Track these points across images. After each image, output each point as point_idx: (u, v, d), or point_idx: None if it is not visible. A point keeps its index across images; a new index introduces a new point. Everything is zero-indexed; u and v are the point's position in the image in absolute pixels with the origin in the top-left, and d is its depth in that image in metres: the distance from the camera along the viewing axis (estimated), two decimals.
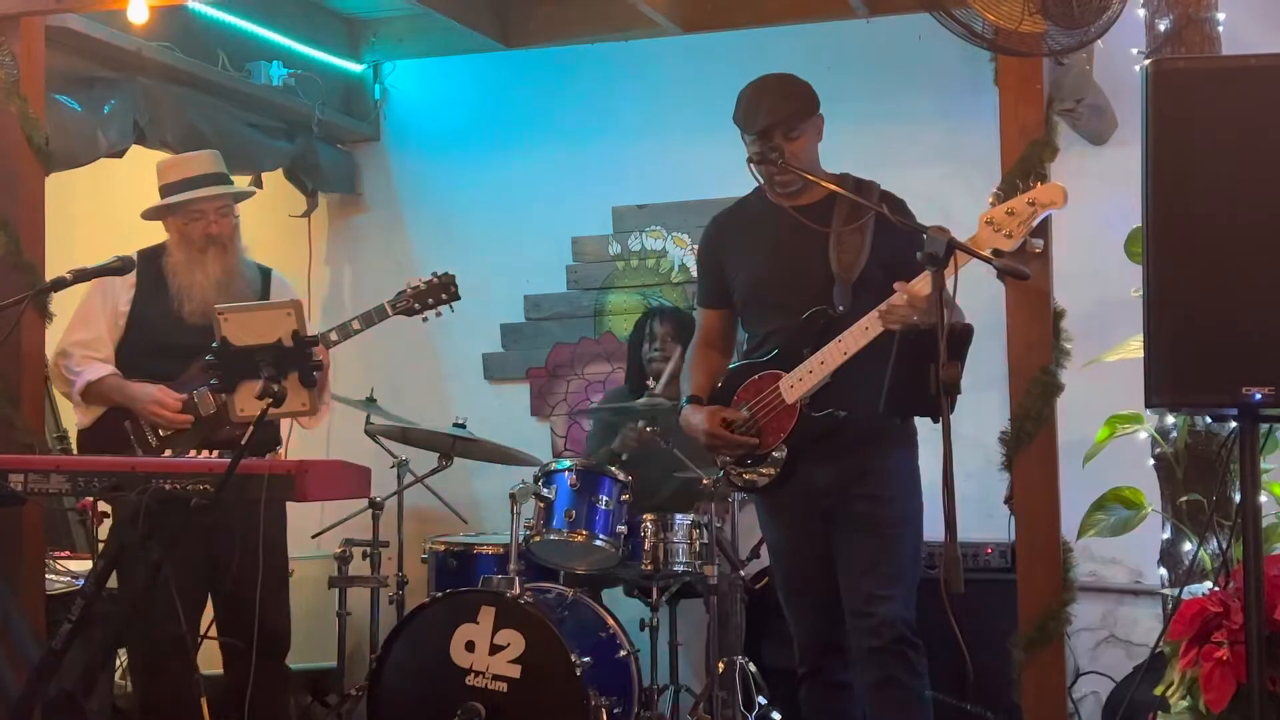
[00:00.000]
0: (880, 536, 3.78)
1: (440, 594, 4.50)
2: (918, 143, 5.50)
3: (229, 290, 4.27)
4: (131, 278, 4.27)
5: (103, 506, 4.33)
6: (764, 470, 3.87)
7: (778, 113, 3.80)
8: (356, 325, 4.31)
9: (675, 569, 4.52)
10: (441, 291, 4.46)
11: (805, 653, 4.00)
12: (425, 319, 4.51)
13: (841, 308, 3.74)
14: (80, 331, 4.32)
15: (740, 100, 3.88)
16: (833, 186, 3.74)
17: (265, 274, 4.50)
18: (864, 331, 3.65)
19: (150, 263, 4.34)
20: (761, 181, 3.90)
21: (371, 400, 5.27)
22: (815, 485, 3.83)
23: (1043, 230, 3.72)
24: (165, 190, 4.36)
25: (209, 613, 4.28)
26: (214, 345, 3.48)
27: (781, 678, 4.66)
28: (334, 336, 4.28)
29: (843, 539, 3.82)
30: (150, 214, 4.43)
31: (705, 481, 4.38)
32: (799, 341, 3.79)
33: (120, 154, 5.06)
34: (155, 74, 5.04)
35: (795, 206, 3.84)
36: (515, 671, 4.21)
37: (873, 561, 3.77)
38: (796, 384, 3.78)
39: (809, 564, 3.92)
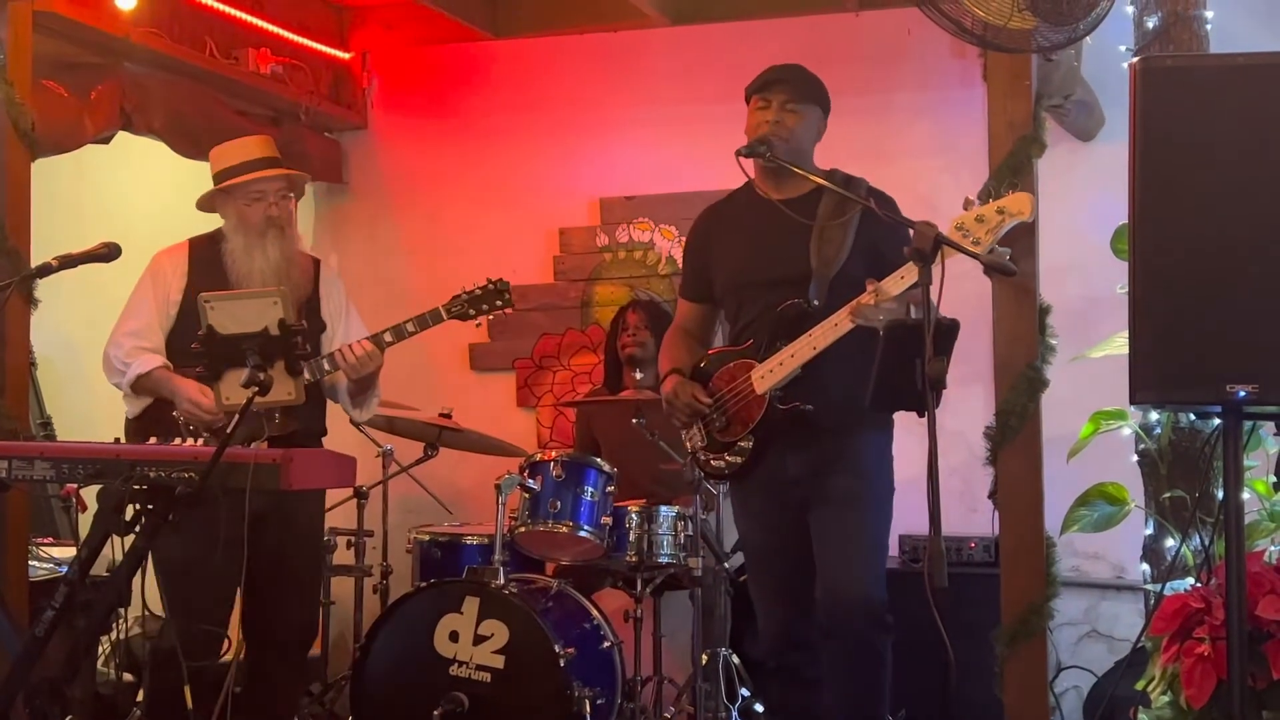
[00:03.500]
0: (850, 511, 3.78)
1: (424, 584, 4.50)
2: (906, 137, 5.51)
3: (288, 277, 4.18)
4: (183, 266, 4.22)
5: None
6: (729, 458, 3.88)
7: (788, 78, 3.87)
8: (411, 328, 4.26)
9: (660, 561, 4.52)
10: (496, 298, 4.42)
11: (772, 648, 3.99)
12: (479, 324, 4.49)
13: (816, 301, 3.75)
14: (130, 321, 4.23)
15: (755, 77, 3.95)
16: (819, 180, 3.75)
17: (315, 264, 4.45)
18: (834, 328, 3.65)
19: (204, 250, 4.26)
20: (748, 173, 3.90)
21: None
22: (786, 474, 3.82)
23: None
24: (224, 174, 4.25)
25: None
26: (199, 333, 3.48)
27: (765, 670, 4.68)
28: (388, 338, 4.24)
29: (814, 516, 3.83)
30: (206, 202, 4.33)
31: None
32: (773, 333, 3.80)
33: (107, 140, 5.04)
34: (143, 61, 5.03)
35: (781, 200, 3.85)
36: (499, 662, 4.22)
37: (842, 537, 3.77)
38: (767, 375, 3.78)
39: (778, 556, 3.92)
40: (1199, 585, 3.35)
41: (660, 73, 5.86)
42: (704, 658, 4.49)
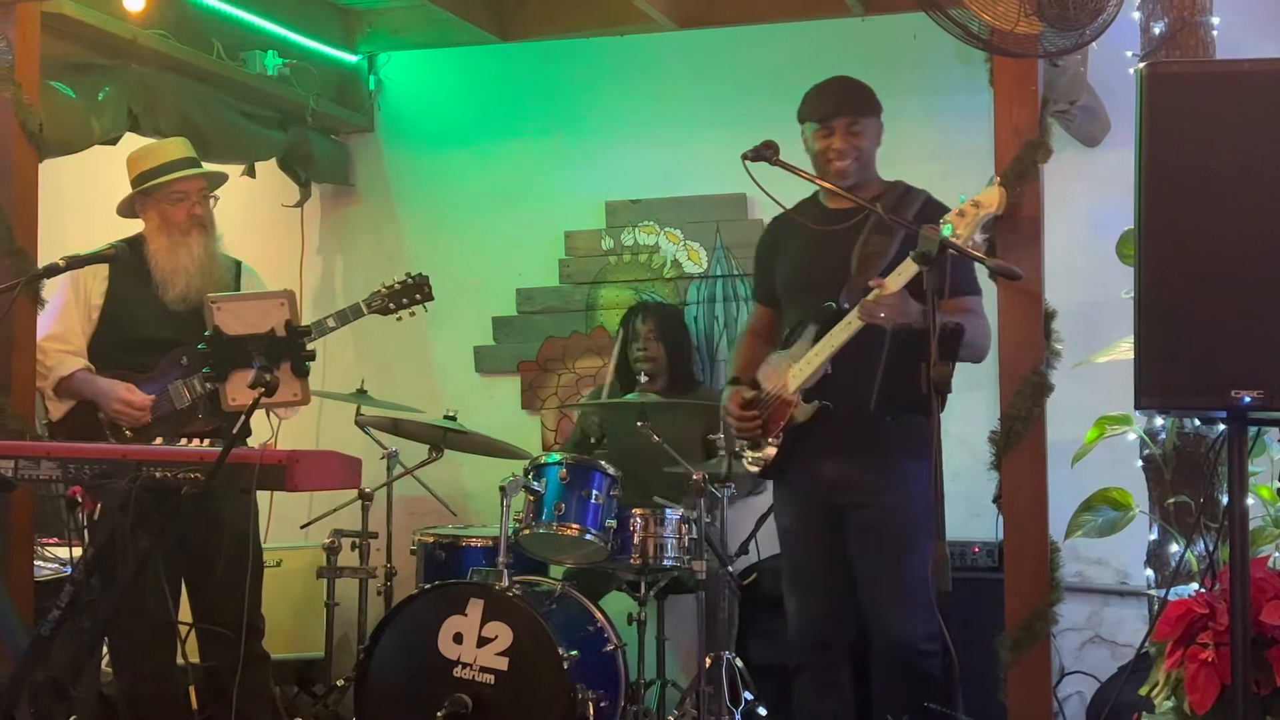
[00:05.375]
0: (899, 548, 3.87)
1: (429, 586, 4.51)
2: (912, 142, 5.47)
3: (212, 275, 4.29)
4: (104, 270, 4.28)
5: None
6: (758, 455, 4.01)
7: (845, 104, 3.99)
8: (331, 323, 4.34)
9: (664, 564, 4.53)
10: (415, 292, 4.52)
11: (797, 646, 4.06)
12: (399, 318, 4.55)
13: (847, 305, 3.83)
14: (52, 326, 4.31)
15: (808, 96, 4.06)
16: (824, 185, 3.83)
17: (236, 265, 4.51)
18: (847, 325, 3.77)
19: (124, 253, 4.29)
20: (756, 179, 3.91)
21: (362, 391, 5.27)
22: (823, 477, 3.94)
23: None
24: (145, 176, 4.34)
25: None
26: (206, 334, 3.48)
27: (768, 674, 4.68)
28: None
29: (859, 546, 3.94)
30: (126, 206, 4.42)
31: (695, 476, 4.41)
32: (810, 334, 3.91)
33: (114, 141, 5.05)
34: (150, 62, 5.04)
35: (837, 209, 3.96)
36: (503, 664, 4.22)
37: (890, 576, 3.89)
38: (798, 373, 3.90)
39: (811, 555, 4.03)
40: (1203, 591, 3.35)
41: (666, 76, 5.86)
42: (708, 661, 4.49)
